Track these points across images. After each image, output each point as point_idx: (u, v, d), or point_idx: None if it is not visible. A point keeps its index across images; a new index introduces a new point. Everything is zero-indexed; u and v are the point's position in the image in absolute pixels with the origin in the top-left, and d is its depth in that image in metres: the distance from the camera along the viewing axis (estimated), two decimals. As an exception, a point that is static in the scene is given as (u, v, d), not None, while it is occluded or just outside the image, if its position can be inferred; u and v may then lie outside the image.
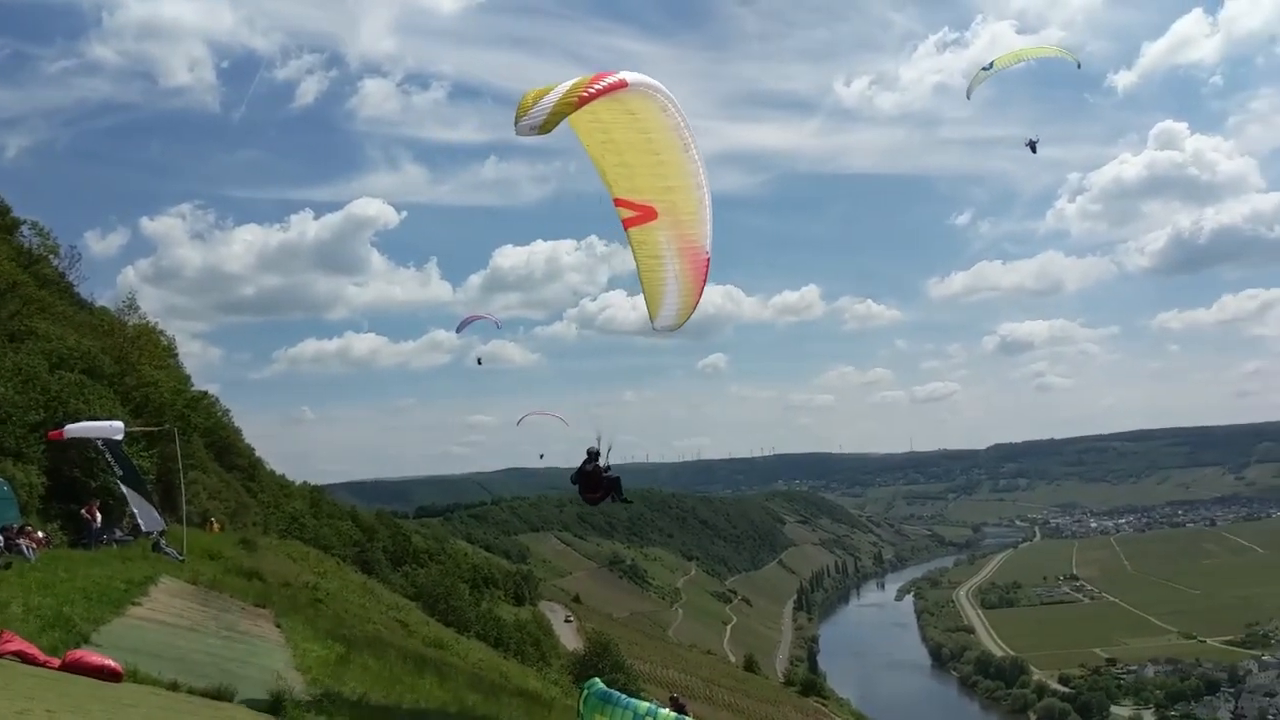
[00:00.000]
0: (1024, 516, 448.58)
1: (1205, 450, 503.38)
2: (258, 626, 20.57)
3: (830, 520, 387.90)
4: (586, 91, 15.54)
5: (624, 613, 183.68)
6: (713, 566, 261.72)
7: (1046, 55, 41.20)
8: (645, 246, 19.32)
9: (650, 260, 19.52)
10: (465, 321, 66.07)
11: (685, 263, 19.68)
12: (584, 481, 21.66)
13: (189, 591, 21.51)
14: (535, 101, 15.56)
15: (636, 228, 19.10)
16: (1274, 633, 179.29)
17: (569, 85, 15.83)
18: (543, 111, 15.15)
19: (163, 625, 17.10)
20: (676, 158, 18.19)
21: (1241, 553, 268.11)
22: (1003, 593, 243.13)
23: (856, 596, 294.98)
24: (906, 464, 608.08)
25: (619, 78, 16.30)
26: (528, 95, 15.98)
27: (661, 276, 19.76)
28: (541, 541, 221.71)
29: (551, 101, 15.30)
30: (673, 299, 20.15)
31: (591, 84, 15.82)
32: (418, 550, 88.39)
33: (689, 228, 19.25)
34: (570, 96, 15.38)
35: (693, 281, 19.95)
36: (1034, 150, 44.61)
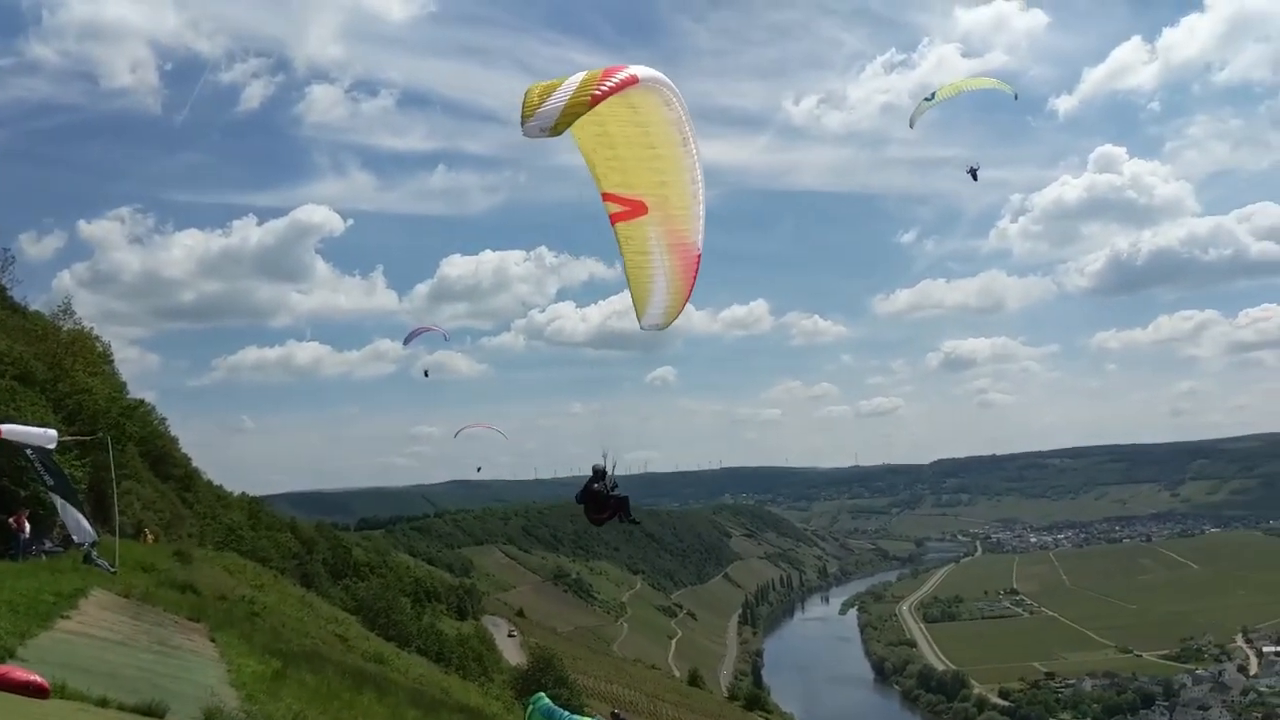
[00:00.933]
0: (966, 531, 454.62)
1: (1141, 467, 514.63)
2: (192, 641, 20.04)
3: (776, 534, 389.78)
4: (599, 90, 15.02)
5: (569, 627, 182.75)
6: (658, 580, 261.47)
7: (985, 87, 42.95)
8: (633, 242, 18.68)
9: (638, 256, 18.89)
10: (413, 333, 65.57)
11: (675, 259, 19.13)
12: (590, 501, 20.37)
13: (121, 605, 20.90)
14: (542, 99, 15.03)
15: (624, 223, 18.43)
16: (1207, 647, 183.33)
17: (578, 82, 15.30)
18: (553, 112, 14.62)
19: (93, 639, 16.58)
20: (673, 152, 17.75)
21: (1176, 568, 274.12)
22: (945, 607, 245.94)
23: (801, 610, 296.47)
24: (852, 478, 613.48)
25: (630, 73, 15.84)
26: (532, 91, 15.47)
27: (650, 274, 19.13)
28: (486, 555, 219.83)
29: (562, 101, 14.76)
30: (661, 297, 19.49)
31: (602, 81, 15.30)
32: (359, 563, 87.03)
33: (680, 223, 18.77)
34: (581, 95, 14.87)
35: (682, 279, 19.38)
36: (975, 178, 45.79)
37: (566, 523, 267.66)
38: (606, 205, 18.09)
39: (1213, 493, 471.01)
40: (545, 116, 14.63)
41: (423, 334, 65.63)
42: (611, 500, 20.36)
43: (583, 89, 15.07)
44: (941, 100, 40.64)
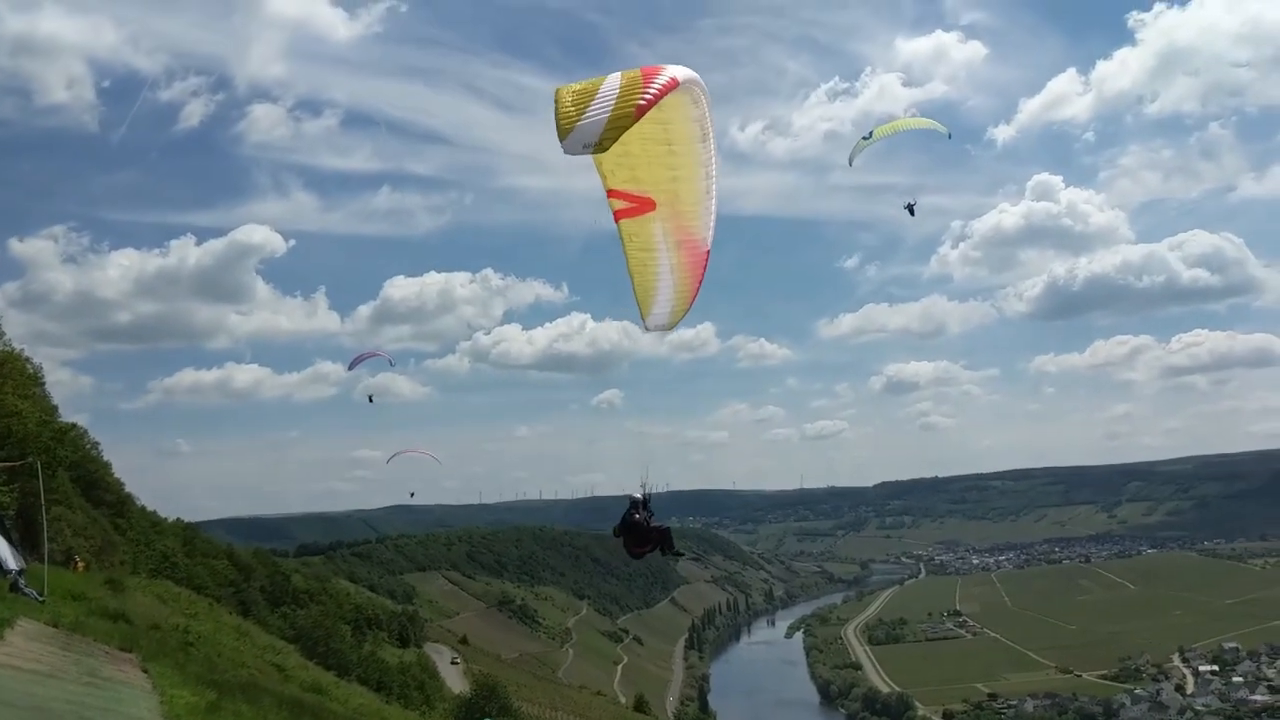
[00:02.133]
0: (910, 553, 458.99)
1: (1079, 489, 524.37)
2: (123, 672, 19.26)
3: (723, 557, 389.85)
4: (643, 98, 14.60)
5: (513, 654, 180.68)
6: (604, 605, 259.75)
7: (920, 127, 44.55)
8: (637, 239, 18.39)
9: (641, 254, 18.57)
10: (358, 358, 64.91)
11: (683, 255, 18.85)
12: (630, 534, 19.95)
13: (49, 635, 20.04)
14: (579, 110, 14.50)
15: (629, 219, 18.11)
16: (1145, 667, 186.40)
17: (618, 88, 14.82)
18: (596, 127, 14.18)
19: (19, 671, 15.84)
20: (691, 148, 17.46)
21: (1114, 589, 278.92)
22: (889, 629, 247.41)
23: (747, 634, 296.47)
24: (797, 501, 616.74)
25: (671, 76, 15.47)
26: (563, 98, 14.94)
27: (655, 271, 18.84)
28: (428, 581, 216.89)
29: (604, 112, 14.29)
30: (666, 295, 19.22)
31: (646, 86, 14.87)
32: (297, 590, 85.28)
33: (689, 219, 18.49)
34: (625, 105, 14.41)
35: (690, 275, 19.07)
36: (912, 213, 46.98)
37: (511, 548, 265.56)
38: (611, 202, 17.77)
39: (1148, 514, 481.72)
40: (587, 131, 14.14)
41: (368, 359, 64.95)
42: (654, 532, 19.95)
43: (626, 98, 14.58)
44: (879, 139, 42.10)
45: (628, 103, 14.58)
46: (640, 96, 14.71)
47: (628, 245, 18.39)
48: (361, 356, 65.04)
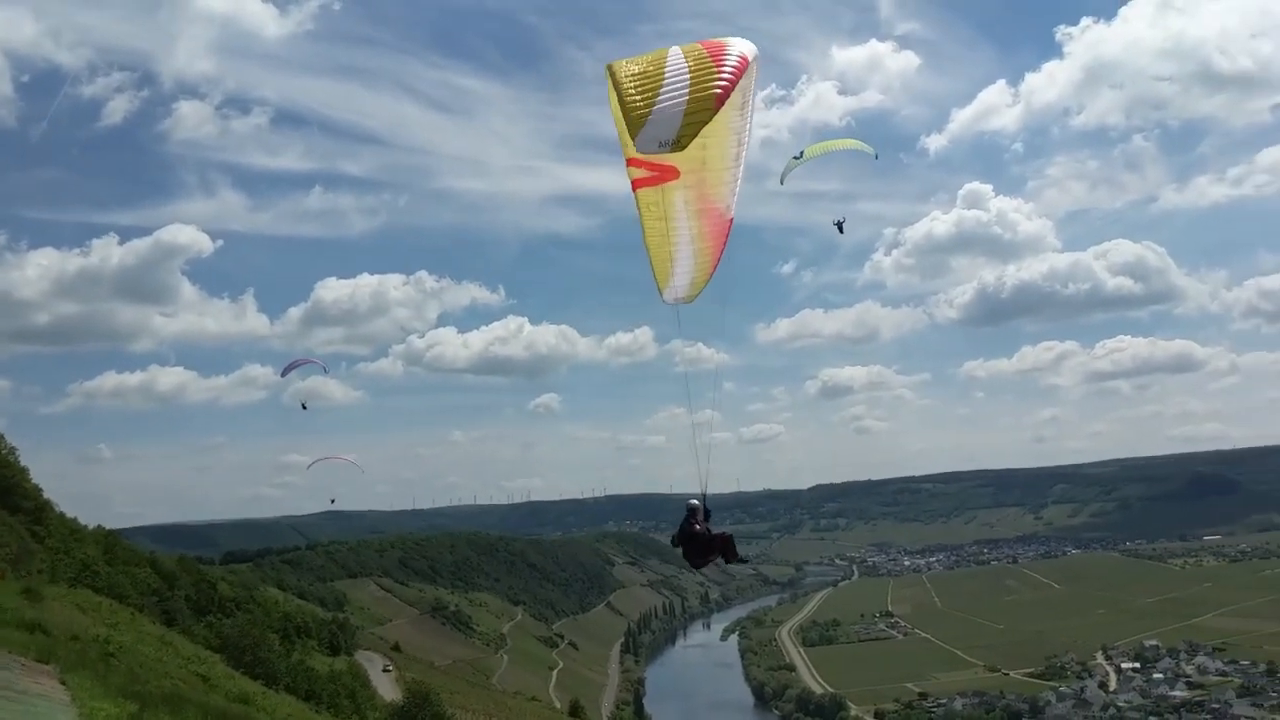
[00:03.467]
0: (843, 555, 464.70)
1: (1008, 491, 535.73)
2: (40, 684, 18.57)
3: (659, 561, 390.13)
4: (719, 85, 13.78)
5: (446, 660, 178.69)
6: (540, 610, 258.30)
7: (849, 148, 44.78)
8: (656, 208, 17.84)
9: (659, 223, 18.01)
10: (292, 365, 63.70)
11: (705, 223, 18.34)
12: (690, 545, 19.18)
13: (-41, 647, 19.26)
14: (648, 100, 13.46)
15: (647, 188, 17.54)
16: (1070, 665, 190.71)
17: (687, 73, 13.85)
18: (671, 123, 13.28)
19: (-77, 686, 15.18)
20: (726, 115, 16.43)
21: (1040, 589, 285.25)
22: (823, 630, 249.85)
23: (683, 637, 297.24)
24: (733, 504, 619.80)
25: (740, 54, 14.74)
26: (624, 84, 13.95)
27: (673, 240, 18.33)
28: (360, 588, 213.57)
29: (679, 106, 13.39)
30: (686, 265, 18.73)
31: (718, 70, 13.98)
32: (224, 598, 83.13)
33: (714, 187, 17.94)
34: (704, 101, 13.53)
35: (712, 243, 18.59)
36: (841, 230, 48.02)
37: (445, 554, 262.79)
38: (629, 170, 17.29)
39: (1073, 516, 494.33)
40: (663, 127, 13.28)
41: (301, 365, 63.90)
42: (716, 541, 19.17)
43: (700, 84, 13.65)
44: (809, 159, 42.77)
45: (703, 90, 13.72)
46: (715, 83, 13.92)
47: (645, 215, 17.95)
48: (295, 363, 63.96)
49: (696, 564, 19.83)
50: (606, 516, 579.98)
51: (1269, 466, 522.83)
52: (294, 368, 63.78)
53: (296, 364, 63.86)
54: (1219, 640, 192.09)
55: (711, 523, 19.73)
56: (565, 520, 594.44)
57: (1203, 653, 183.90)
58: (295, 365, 63.85)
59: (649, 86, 13.69)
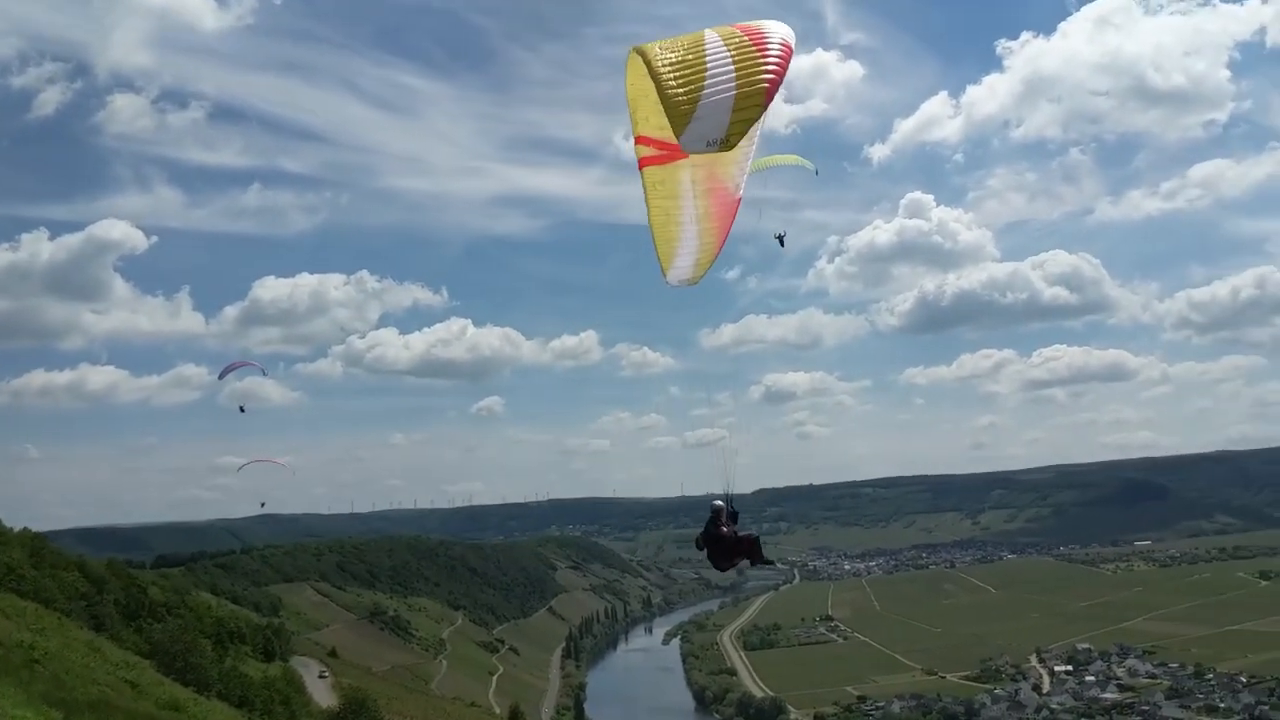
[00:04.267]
0: (785, 559, 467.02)
1: (946, 497, 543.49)
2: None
3: (602, 565, 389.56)
4: (766, 78, 13.06)
5: (384, 666, 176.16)
6: (480, 615, 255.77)
7: (790, 163, 45.97)
8: (662, 186, 17.75)
9: (665, 201, 17.94)
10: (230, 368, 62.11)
11: (712, 202, 18.18)
12: (715, 548, 19.24)
13: None
14: (691, 94, 12.62)
15: (654, 167, 17.45)
16: (1005, 668, 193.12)
17: (731, 64, 13.07)
18: (720, 122, 12.53)
19: None
20: None
21: (976, 592, 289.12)
22: (764, 634, 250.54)
23: (625, 642, 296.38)
24: (678, 508, 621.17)
25: (783, 40, 14.02)
26: (663, 74, 13.15)
27: (678, 219, 18.25)
28: (296, 592, 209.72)
29: (727, 104, 12.61)
30: (690, 246, 18.66)
31: (763, 60, 13.20)
32: (155, 603, 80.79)
33: (724, 165, 17.72)
34: (753, 97, 12.83)
35: (718, 223, 18.47)
36: (782, 244, 48.28)
37: (384, 558, 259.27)
38: (636, 149, 17.16)
39: (1010, 521, 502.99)
40: (710, 124, 12.61)
41: (239, 369, 62.45)
42: (742, 543, 19.15)
43: (746, 77, 12.93)
44: (750, 174, 43.75)
45: (750, 84, 12.93)
46: (762, 76, 13.15)
47: (650, 194, 17.76)
48: (232, 366, 62.36)
49: (722, 566, 19.97)
50: (549, 521, 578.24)
51: (1198, 474, 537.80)
52: (231, 371, 62.14)
53: (234, 367, 62.37)
54: (1149, 644, 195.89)
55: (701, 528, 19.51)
56: (507, 525, 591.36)
57: (1133, 655, 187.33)
58: (233, 368, 62.33)
59: (691, 79, 12.97)
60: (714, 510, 19.07)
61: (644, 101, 16.13)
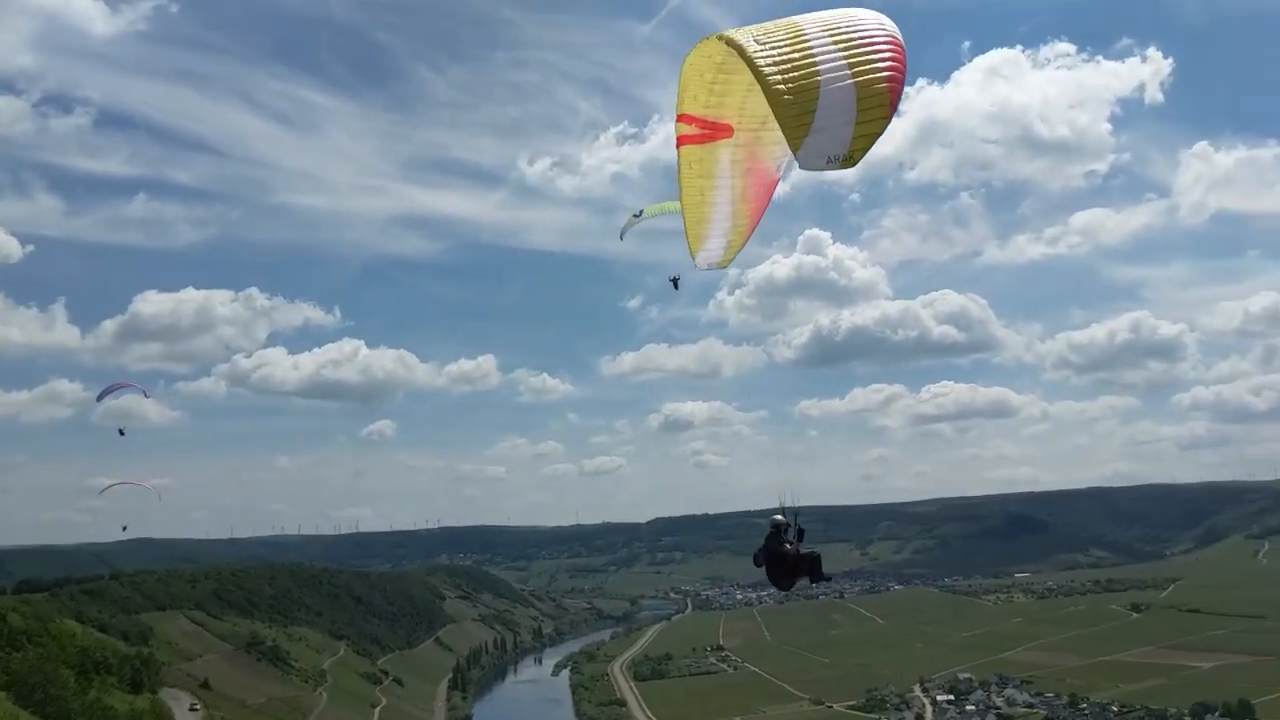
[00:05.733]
0: (678, 589, 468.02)
1: (837, 527, 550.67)
2: None
3: (492, 595, 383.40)
4: (891, 90, 12.14)
5: (261, 699, 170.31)
6: (364, 646, 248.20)
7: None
8: (698, 166, 17.47)
9: (699, 181, 17.60)
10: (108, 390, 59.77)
11: (751, 181, 17.92)
12: (774, 565, 18.63)
13: None
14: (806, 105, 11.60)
15: (692, 145, 17.27)
16: (890, 697, 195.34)
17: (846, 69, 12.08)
18: (842, 137, 11.65)
19: None
20: None
21: (864, 623, 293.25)
22: (655, 665, 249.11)
23: (514, 673, 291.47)
24: (572, 537, 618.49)
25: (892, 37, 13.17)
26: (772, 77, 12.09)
27: (712, 200, 17.86)
28: (168, 621, 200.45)
29: (848, 118, 11.73)
30: (722, 227, 18.23)
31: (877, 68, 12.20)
32: (14, 630, 76.39)
33: (769, 145, 17.26)
34: (877, 109, 11.97)
35: (754, 205, 18.19)
36: (676, 286, 49.73)
37: (264, 585, 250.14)
38: (677, 127, 17.22)
39: (897, 552, 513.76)
40: (832, 140, 11.73)
41: (120, 390, 59.82)
42: (803, 562, 18.63)
43: (867, 84, 12.00)
44: (648, 218, 45.97)
45: (872, 91, 11.96)
46: (881, 80, 12.14)
47: (684, 174, 17.54)
48: (112, 388, 59.53)
49: (783, 585, 19.28)
50: (439, 549, 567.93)
51: (1075, 509, 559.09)
52: (112, 391, 59.20)
53: (114, 389, 59.43)
54: (1027, 673, 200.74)
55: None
56: (395, 552, 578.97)
57: (1012, 685, 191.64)
58: (113, 390, 59.34)
59: (803, 83, 11.93)
60: (774, 525, 18.35)
61: (696, 81, 16.16)
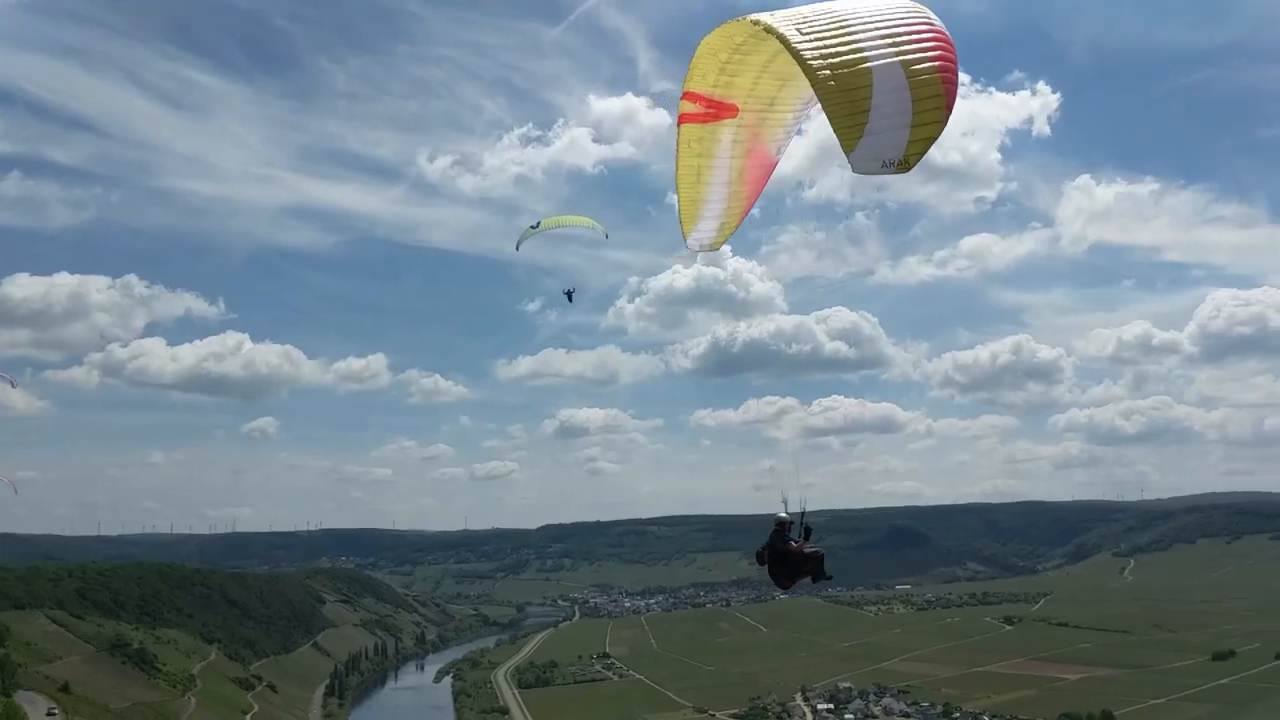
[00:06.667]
0: (566, 596, 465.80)
1: (727, 536, 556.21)
2: None
3: (375, 600, 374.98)
4: (946, 90, 11.77)
5: (125, 703, 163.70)
6: (237, 650, 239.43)
7: (582, 225, 49.47)
8: (697, 144, 16.94)
9: (696, 160, 17.15)
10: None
11: (749, 162, 17.52)
12: (778, 563, 18.71)
13: None
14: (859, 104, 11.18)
15: (693, 124, 16.66)
16: (772, 706, 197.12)
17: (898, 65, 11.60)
18: (897, 141, 11.45)
19: None
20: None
21: (749, 631, 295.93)
22: (539, 672, 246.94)
23: (394, 679, 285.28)
24: (460, 542, 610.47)
25: (939, 32, 12.54)
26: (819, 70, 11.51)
27: (708, 180, 17.58)
28: (27, 621, 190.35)
29: (904, 119, 11.44)
30: (716, 209, 17.97)
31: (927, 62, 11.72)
32: None
33: (773, 128, 17.02)
34: (934, 114, 11.70)
35: (751, 187, 17.92)
36: (570, 299, 50.34)
37: (132, 585, 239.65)
38: (680, 105, 16.63)
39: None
40: (886, 144, 11.39)
41: None
42: (808, 561, 18.43)
43: (921, 82, 11.52)
44: (544, 230, 46.53)
45: (926, 90, 11.59)
46: (944, 86, 11.75)
47: (682, 152, 17.19)
48: None
49: (785, 584, 19.37)
50: (320, 551, 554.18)
51: (955, 523, 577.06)
52: None
53: None
54: (904, 683, 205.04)
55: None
56: (273, 554, 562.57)
57: (889, 694, 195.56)
58: None
59: (855, 80, 11.45)
60: (778, 523, 17.96)
61: (709, 60, 15.73)
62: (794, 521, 18.63)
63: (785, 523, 18.48)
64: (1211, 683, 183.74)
